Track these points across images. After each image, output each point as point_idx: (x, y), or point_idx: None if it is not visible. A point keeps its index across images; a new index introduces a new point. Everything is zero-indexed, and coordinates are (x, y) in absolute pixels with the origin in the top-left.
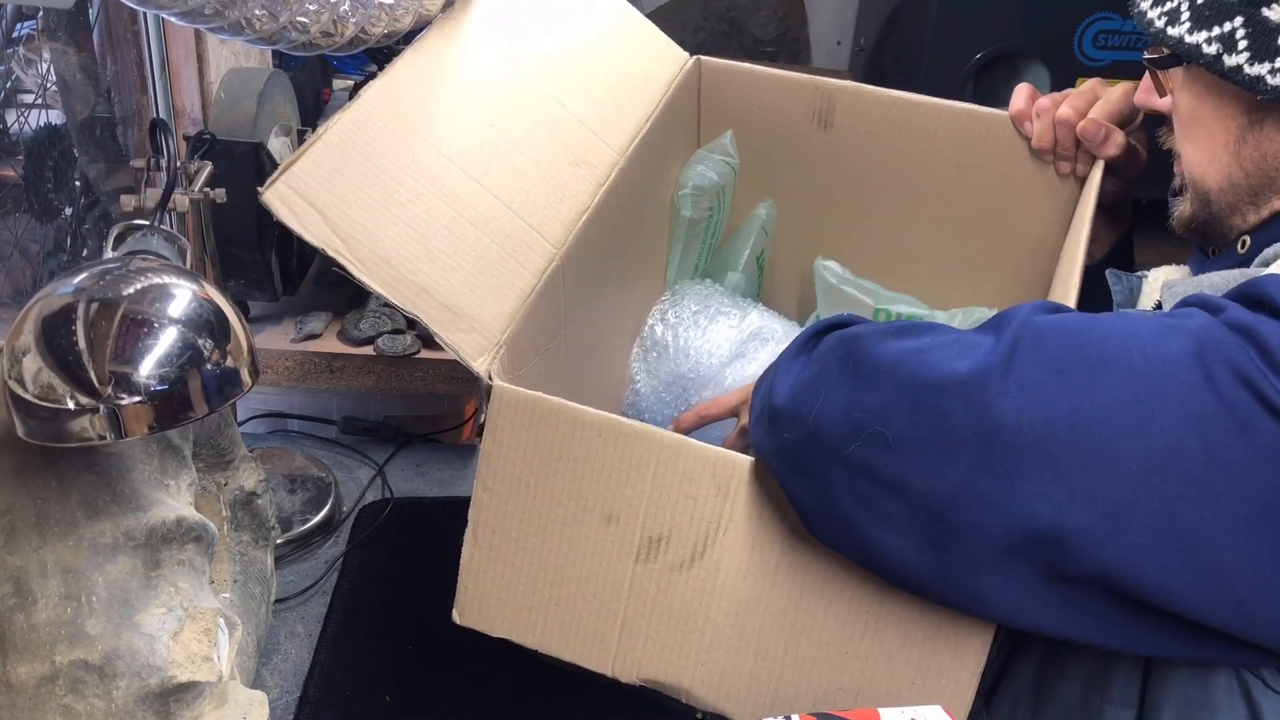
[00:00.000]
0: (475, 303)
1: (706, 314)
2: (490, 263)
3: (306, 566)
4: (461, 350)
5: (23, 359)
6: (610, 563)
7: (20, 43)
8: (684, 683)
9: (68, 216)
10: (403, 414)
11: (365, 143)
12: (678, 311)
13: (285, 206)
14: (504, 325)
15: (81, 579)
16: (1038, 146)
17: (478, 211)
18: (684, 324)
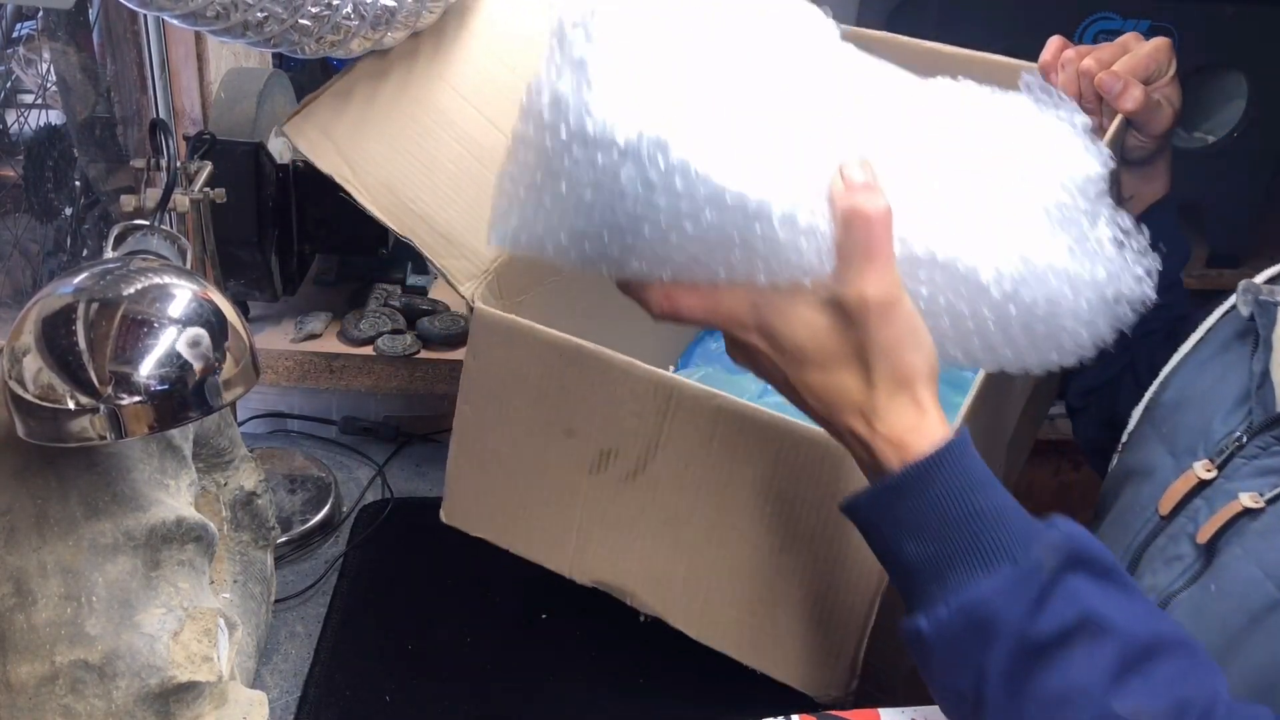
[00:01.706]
0: (471, 233)
1: None
2: (489, 194)
3: (306, 566)
4: (451, 274)
5: (23, 359)
6: (568, 473)
7: (20, 43)
8: (628, 586)
9: (68, 216)
10: (403, 414)
11: (383, 82)
12: None
13: (302, 137)
14: (494, 255)
15: (81, 579)
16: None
17: (484, 148)
18: None
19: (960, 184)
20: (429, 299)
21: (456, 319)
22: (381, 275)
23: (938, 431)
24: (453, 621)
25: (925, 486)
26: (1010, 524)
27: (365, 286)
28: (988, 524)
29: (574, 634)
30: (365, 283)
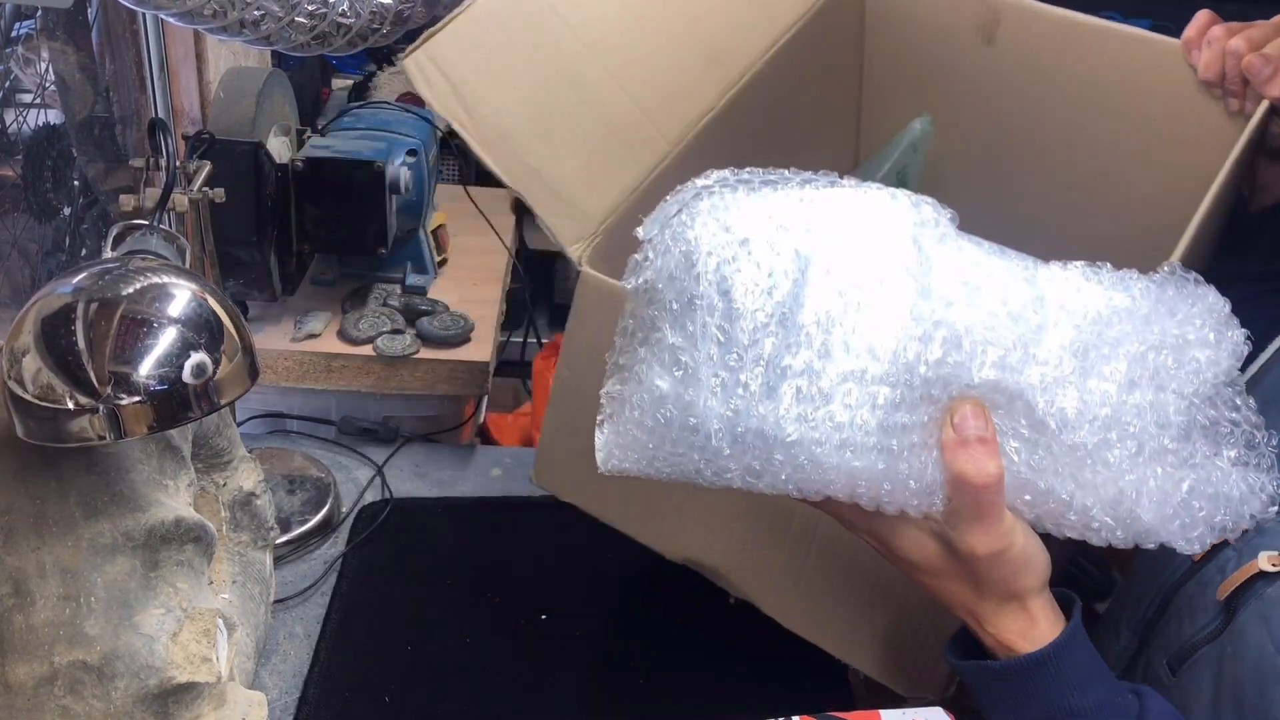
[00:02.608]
0: (582, 191)
1: None
2: (604, 155)
3: (305, 567)
4: (560, 234)
5: (22, 359)
6: None
7: (19, 42)
8: (721, 568)
9: (66, 216)
10: (402, 414)
11: (507, 21)
12: None
13: (421, 75)
14: (604, 216)
15: (80, 579)
16: (1203, 77)
17: (602, 102)
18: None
19: (1071, 400)
20: (428, 299)
21: (456, 319)
22: (381, 275)
23: (1046, 636)
24: (453, 621)
25: (1025, 679)
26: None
27: (365, 286)
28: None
29: (574, 634)
30: (365, 283)
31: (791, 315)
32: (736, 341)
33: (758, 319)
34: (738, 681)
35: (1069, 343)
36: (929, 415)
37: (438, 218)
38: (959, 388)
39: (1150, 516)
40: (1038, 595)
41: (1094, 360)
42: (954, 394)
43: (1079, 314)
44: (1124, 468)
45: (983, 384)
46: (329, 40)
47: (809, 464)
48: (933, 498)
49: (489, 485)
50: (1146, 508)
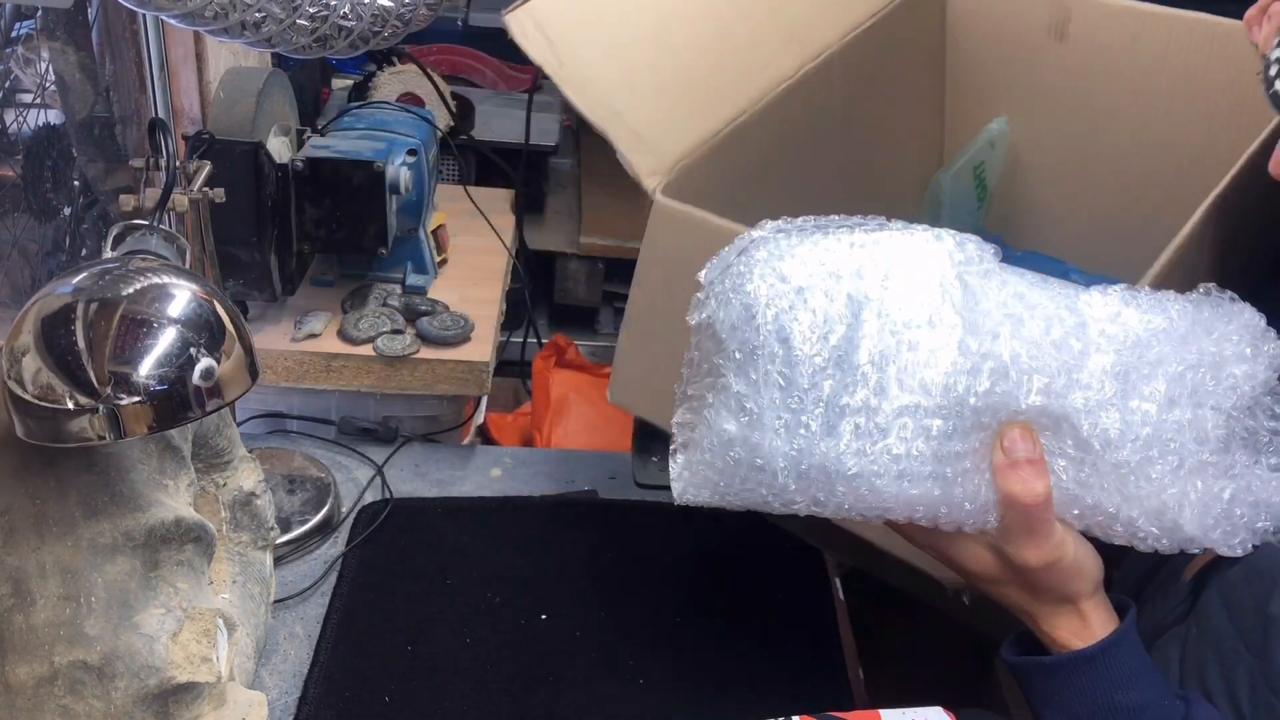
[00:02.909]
0: (660, 134)
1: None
2: (683, 107)
3: (305, 567)
4: (638, 168)
5: (22, 359)
6: None
7: (19, 42)
8: None
9: (66, 216)
10: (402, 414)
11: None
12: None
13: (519, 28)
14: (679, 158)
15: (80, 579)
16: (1263, 53)
17: (684, 65)
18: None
19: (1114, 421)
20: (428, 299)
21: (456, 319)
22: (381, 275)
23: (1098, 636)
24: (452, 622)
25: (1073, 676)
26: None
27: (365, 286)
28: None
29: (574, 634)
30: (365, 283)
31: (848, 357)
32: (797, 385)
33: (815, 363)
34: (738, 682)
35: (1110, 366)
36: (980, 441)
37: (438, 218)
38: (1007, 414)
39: (1192, 526)
40: (1090, 598)
41: (1134, 382)
42: (1003, 420)
43: (1119, 338)
44: (1166, 482)
45: (1030, 409)
46: (330, 43)
47: (869, 493)
48: (987, 516)
49: (489, 485)
50: (1189, 518)
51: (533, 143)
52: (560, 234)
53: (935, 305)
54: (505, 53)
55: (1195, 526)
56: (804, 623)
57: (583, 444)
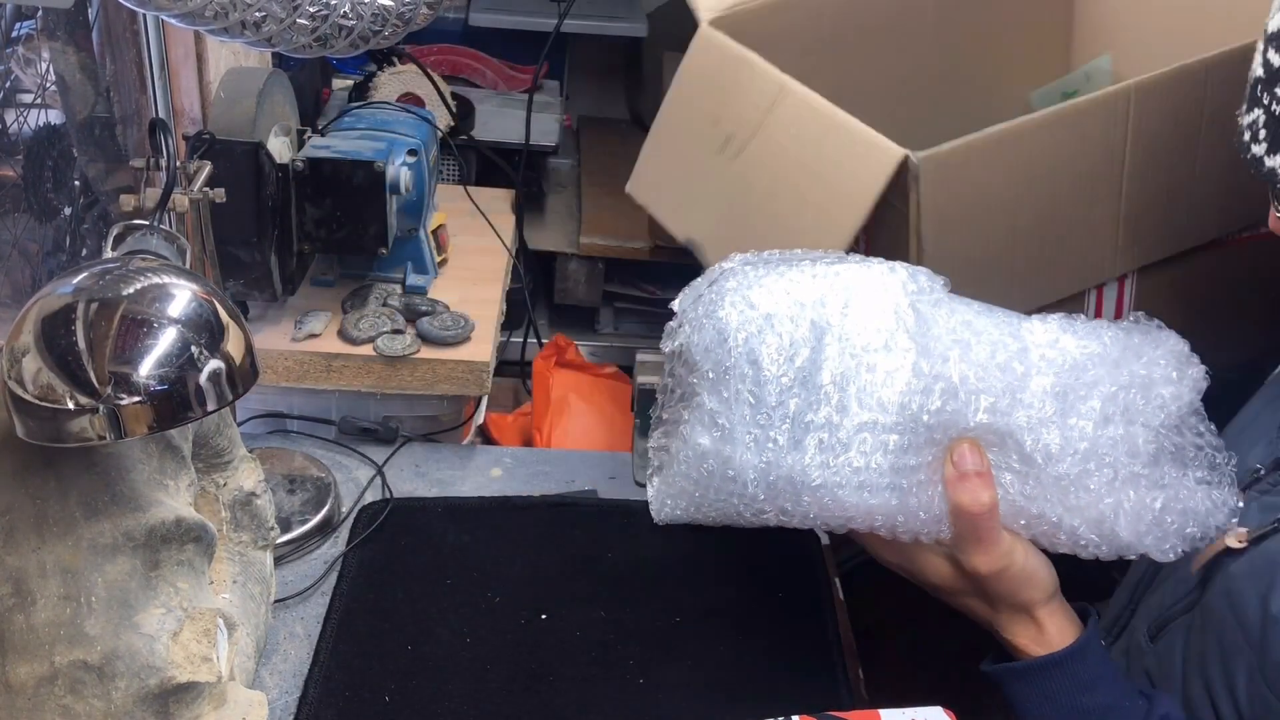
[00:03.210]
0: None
1: None
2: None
3: (305, 567)
4: (698, 4)
5: (22, 359)
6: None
7: (19, 42)
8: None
9: (67, 216)
10: (402, 414)
11: None
12: None
13: None
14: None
15: (81, 579)
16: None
17: None
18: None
19: (1054, 437)
20: (429, 299)
21: (456, 319)
22: (381, 275)
23: (1055, 643)
24: (453, 621)
25: (1040, 679)
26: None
27: (365, 287)
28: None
29: (574, 634)
30: (365, 283)
31: (811, 378)
32: (765, 403)
33: (782, 382)
34: (738, 682)
35: (1050, 387)
36: (933, 455)
37: (438, 218)
38: (957, 431)
39: (1127, 533)
40: (1044, 605)
41: (1072, 401)
42: (953, 436)
43: (1057, 362)
44: (1102, 493)
45: (977, 426)
46: (330, 42)
47: (832, 503)
48: (940, 525)
49: (489, 485)
50: (1124, 526)
51: (533, 143)
52: (560, 234)
53: (891, 331)
54: (505, 53)
55: (1130, 533)
56: (804, 623)
57: (583, 444)
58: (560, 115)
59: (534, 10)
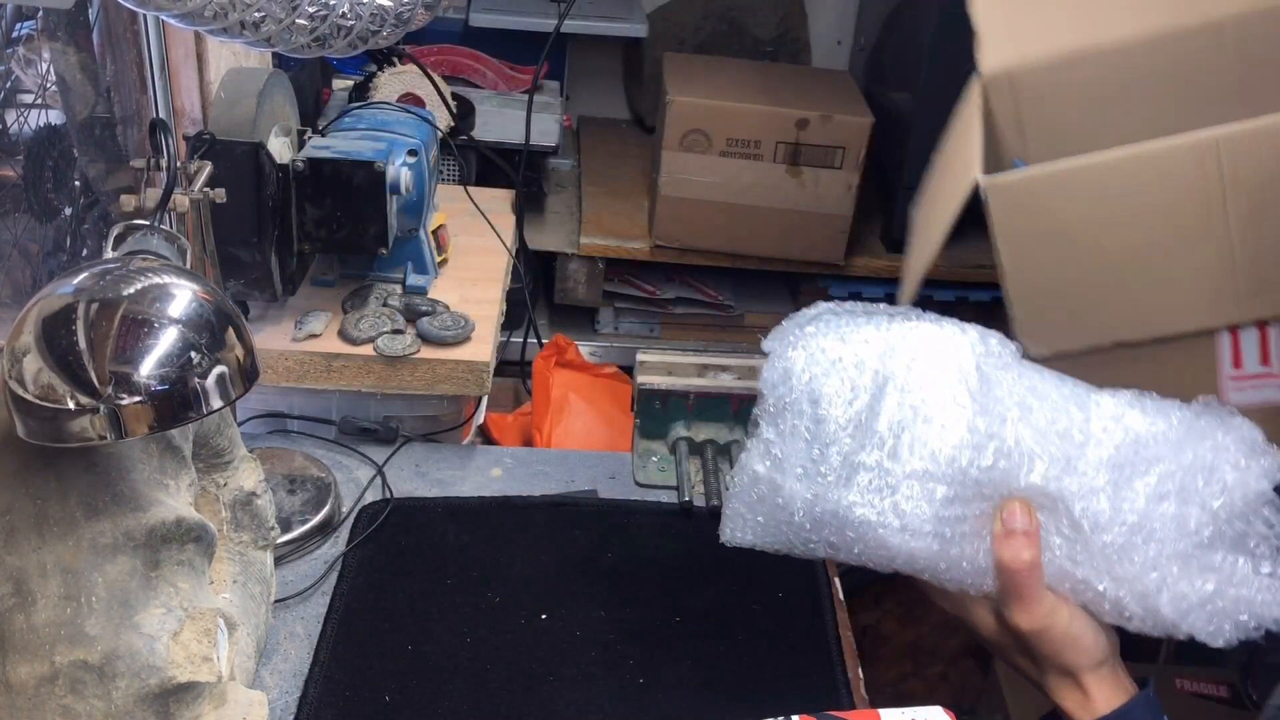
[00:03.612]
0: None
1: None
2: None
3: (306, 567)
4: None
5: (23, 359)
6: None
7: (20, 43)
8: None
9: (67, 216)
10: (402, 414)
11: None
12: None
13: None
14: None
15: (81, 579)
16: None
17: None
18: None
19: (1104, 506)
20: (429, 299)
21: (456, 319)
22: (381, 275)
23: (1100, 709)
24: (453, 621)
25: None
26: None
27: (365, 287)
28: None
29: (574, 634)
30: (365, 283)
31: (868, 423)
32: (819, 439)
33: (839, 422)
34: (738, 682)
35: (1106, 458)
36: (980, 510)
37: (438, 218)
38: (1008, 490)
39: (1170, 610)
40: (1092, 672)
41: (1128, 475)
42: (1004, 494)
43: (1119, 435)
44: (1148, 567)
45: (1028, 487)
46: (329, 42)
47: (875, 542)
48: (984, 579)
49: (489, 485)
50: (1166, 602)
51: (533, 143)
52: (560, 234)
53: (953, 387)
54: (505, 53)
55: (1173, 611)
56: (804, 623)
57: (583, 444)
58: (560, 115)
59: (534, 10)
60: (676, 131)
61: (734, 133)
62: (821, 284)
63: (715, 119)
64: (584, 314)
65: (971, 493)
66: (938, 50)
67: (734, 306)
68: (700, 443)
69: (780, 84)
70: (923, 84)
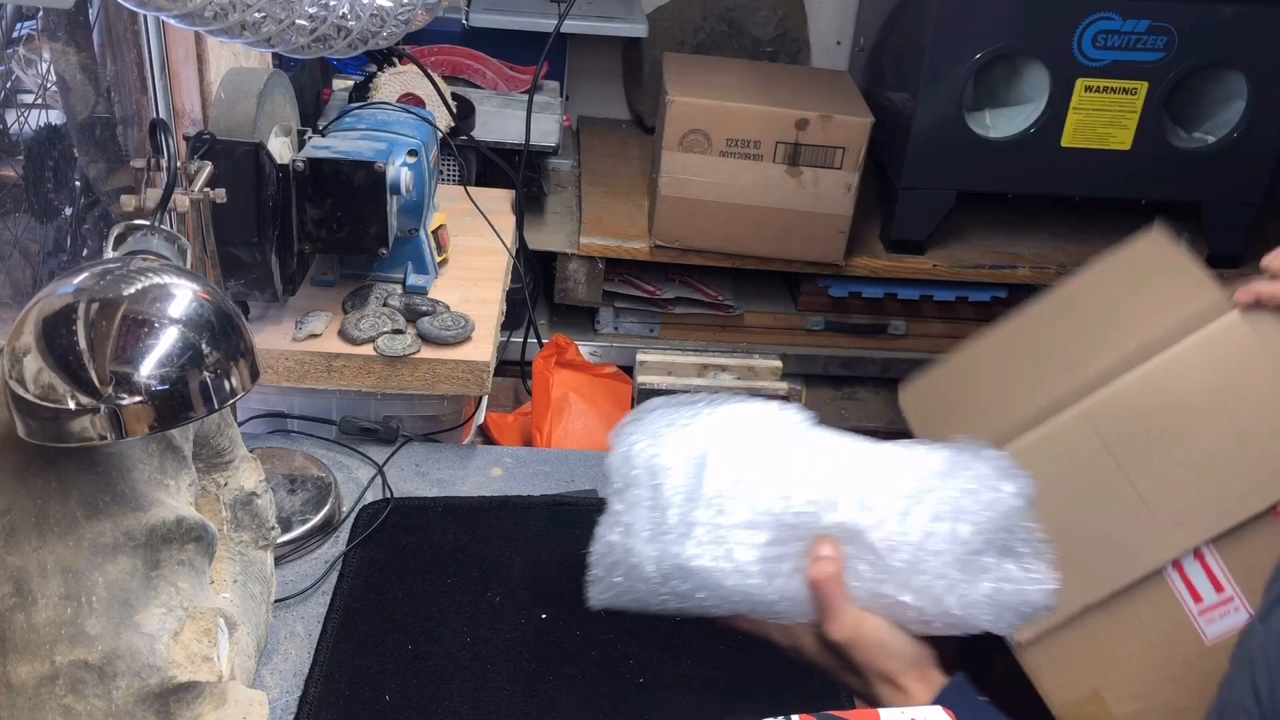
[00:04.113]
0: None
1: None
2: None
3: (306, 566)
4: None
5: (23, 359)
6: None
7: (20, 43)
8: None
9: (68, 216)
10: (402, 414)
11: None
12: None
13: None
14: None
15: (81, 579)
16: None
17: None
18: None
19: (899, 537)
20: (429, 299)
21: (456, 319)
22: (382, 275)
23: (920, 702)
24: (453, 621)
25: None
26: None
27: (365, 287)
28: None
29: (574, 634)
30: (365, 283)
31: (697, 488)
32: (660, 506)
33: (674, 489)
34: (737, 682)
35: (892, 493)
36: (798, 548)
37: (438, 218)
38: (819, 528)
39: (959, 610)
40: (907, 674)
41: (910, 504)
42: (815, 533)
43: (900, 474)
44: (936, 575)
45: (833, 525)
46: (329, 43)
47: (714, 585)
48: (806, 607)
49: (489, 485)
50: (954, 604)
51: (533, 143)
52: (560, 234)
53: (764, 451)
54: (505, 53)
55: (961, 610)
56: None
57: (583, 444)
58: (560, 115)
59: (534, 10)
60: (676, 131)
61: (734, 133)
62: (821, 284)
63: (715, 119)
64: (584, 314)
65: (789, 535)
66: (937, 50)
67: (734, 306)
68: None
69: (780, 84)
70: (922, 84)
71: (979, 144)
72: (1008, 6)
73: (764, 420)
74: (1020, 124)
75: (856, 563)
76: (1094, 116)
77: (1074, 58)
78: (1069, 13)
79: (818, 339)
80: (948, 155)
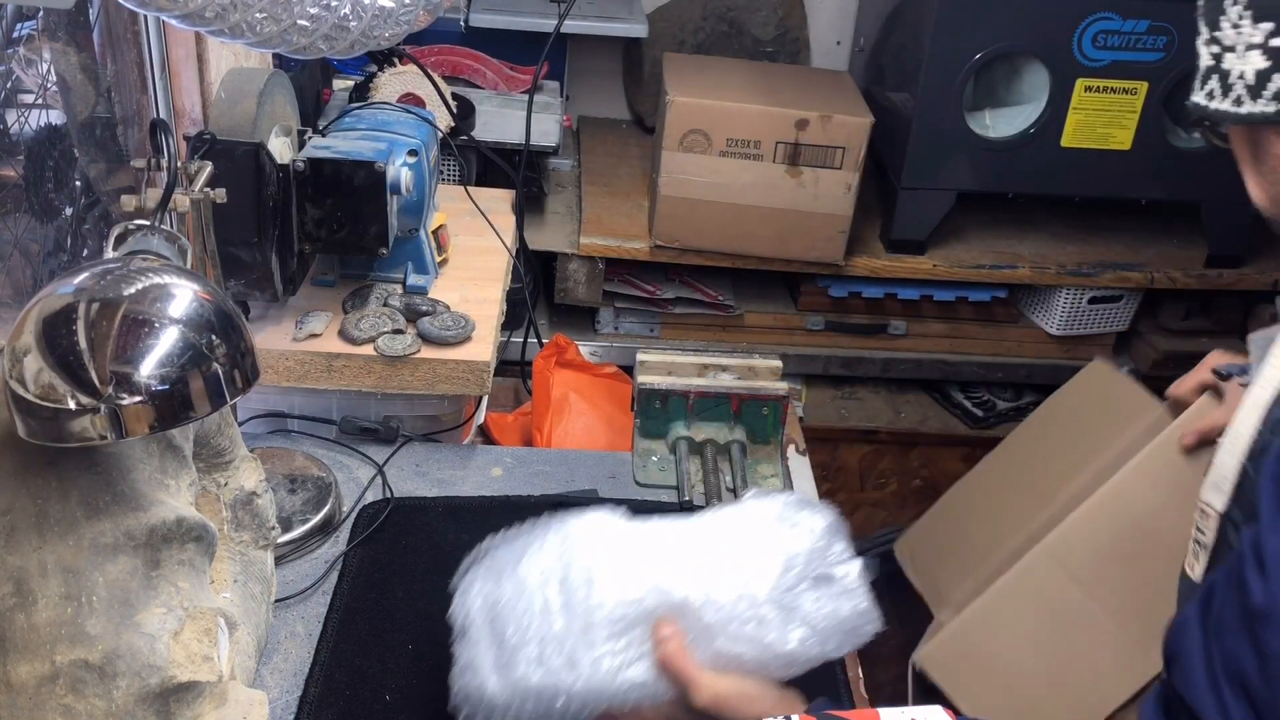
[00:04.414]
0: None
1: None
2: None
3: (306, 566)
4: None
5: (24, 359)
6: None
7: (20, 43)
8: None
9: (68, 216)
10: (402, 414)
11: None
12: None
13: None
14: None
15: (82, 579)
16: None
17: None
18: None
19: (718, 596)
20: (429, 299)
21: (456, 319)
22: (382, 275)
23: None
24: None
25: None
26: None
27: (365, 287)
28: None
29: None
30: (365, 283)
31: (528, 611)
32: (495, 639)
33: (508, 618)
34: None
35: (703, 562)
36: (638, 636)
37: (438, 218)
38: (651, 614)
39: (792, 646)
40: (776, 707)
41: (725, 569)
42: (649, 619)
43: (707, 542)
44: (758, 624)
45: (662, 605)
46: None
47: (571, 698)
48: (664, 686)
49: (489, 485)
50: (781, 642)
51: (533, 143)
52: (560, 234)
53: (586, 561)
54: (505, 53)
55: (796, 647)
56: None
57: (583, 444)
58: (560, 115)
59: (534, 10)
60: (676, 131)
61: (734, 133)
62: (821, 284)
63: (715, 119)
64: (584, 314)
65: (623, 628)
66: (937, 50)
67: (734, 306)
68: (700, 442)
69: (780, 84)
70: (922, 84)
71: (979, 144)
72: (1007, 6)
73: (581, 534)
74: (1020, 124)
75: (692, 632)
76: (1094, 116)
77: (1074, 58)
78: (1069, 13)
79: (818, 339)
80: (947, 155)
